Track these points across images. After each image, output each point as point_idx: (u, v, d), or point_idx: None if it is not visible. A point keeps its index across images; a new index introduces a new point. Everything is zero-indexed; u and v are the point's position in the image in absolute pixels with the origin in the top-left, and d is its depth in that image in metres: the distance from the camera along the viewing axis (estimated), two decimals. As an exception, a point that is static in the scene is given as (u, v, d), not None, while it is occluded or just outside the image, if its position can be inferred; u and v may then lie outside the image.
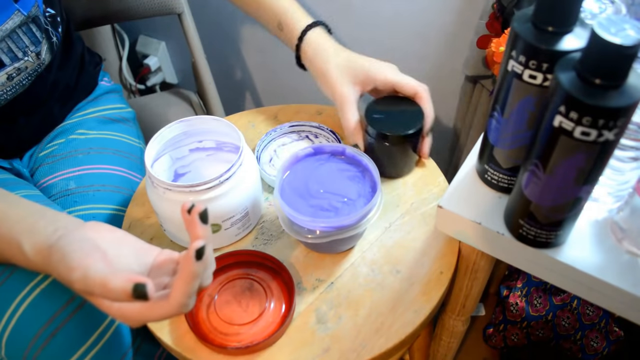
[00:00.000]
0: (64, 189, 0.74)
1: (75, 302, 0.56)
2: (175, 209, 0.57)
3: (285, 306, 0.58)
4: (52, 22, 0.74)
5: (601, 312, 0.96)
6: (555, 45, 0.42)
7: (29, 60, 0.69)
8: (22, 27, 0.68)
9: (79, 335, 0.56)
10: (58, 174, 0.76)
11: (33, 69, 0.71)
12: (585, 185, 0.43)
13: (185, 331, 0.56)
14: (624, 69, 0.37)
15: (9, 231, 0.49)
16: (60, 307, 0.55)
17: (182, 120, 0.64)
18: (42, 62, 0.72)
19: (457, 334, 0.76)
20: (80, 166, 0.76)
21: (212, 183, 0.56)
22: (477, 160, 0.57)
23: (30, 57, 0.70)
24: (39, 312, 0.54)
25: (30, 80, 0.72)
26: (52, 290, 0.55)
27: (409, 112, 0.67)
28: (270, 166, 0.72)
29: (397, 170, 0.70)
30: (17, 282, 0.55)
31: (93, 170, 0.76)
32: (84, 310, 0.56)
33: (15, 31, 0.67)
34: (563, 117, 0.39)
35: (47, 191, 0.75)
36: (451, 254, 0.63)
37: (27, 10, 0.68)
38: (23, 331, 0.54)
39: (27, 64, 0.69)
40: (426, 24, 1.05)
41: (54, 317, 0.55)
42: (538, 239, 0.49)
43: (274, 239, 0.65)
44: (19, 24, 0.67)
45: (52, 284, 0.55)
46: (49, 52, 0.73)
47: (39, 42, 0.71)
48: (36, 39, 0.70)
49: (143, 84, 1.49)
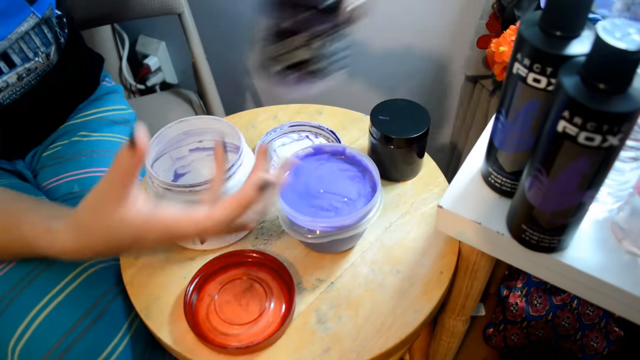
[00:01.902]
0: (68, 192, 0.74)
1: (89, 316, 0.56)
2: None
3: (285, 306, 0.58)
4: (59, 22, 0.74)
5: (601, 312, 0.96)
6: (559, 49, 0.41)
7: (39, 61, 0.70)
8: (35, 29, 0.68)
9: (92, 350, 0.56)
10: (62, 177, 0.76)
11: (42, 70, 0.72)
12: (589, 190, 0.43)
13: (185, 331, 0.56)
14: (629, 74, 0.37)
15: (35, 217, 0.49)
16: (76, 321, 0.55)
17: (182, 120, 0.64)
18: (51, 63, 0.73)
19: (457, 334, 0.76)
20: (83, 169, 0.76)
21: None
22: (483, 162, 0.57)
23: (41, 57, 0.70)
24: (54, 325, 0.55)
25: (38, 80, 0.72)
26: (68, 303, 0.56)
27: (414, 115, 0.67)
28: (271, 166, 0.73)
29: (401, 173, 0.70)
30: (35, 293, 0.55)
31: (96, 173, 0.76)
32: (99, 323, 0.57)
33: (28, 33, 0.67)
34: (567, 122, 0.39)
35: (51, 194, 0.75)
36: (451, 254, 0.63)
37: (42, 12, 0.68)
38: (38, 344, 0.54)
39: (37, 64, 0.70)
40: (426, 24, 1.05)
41: (70, 331, 0.55)
42: (541, 243, 0.49)
43: (274, 239, 0.65)
44: (33, 26, 0.68)
45: (67, 297, 0.56)
46: (57, 52, 0.74)
47: (50, 44, 0.71)
48: (47, 40, 0.70)
49: (143, 84, 1.49)
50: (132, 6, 1.02)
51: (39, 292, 0.56)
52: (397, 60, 1.14)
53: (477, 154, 0.60)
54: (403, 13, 1.06)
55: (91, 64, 0.87)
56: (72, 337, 0.55)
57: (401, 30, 1.08)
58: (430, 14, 1.03)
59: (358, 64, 1.19)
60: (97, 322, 0.57)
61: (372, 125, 0.66)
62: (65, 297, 0.56)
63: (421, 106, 0.68)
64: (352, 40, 0.56)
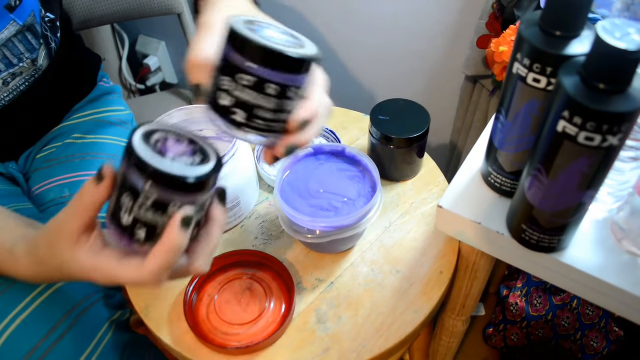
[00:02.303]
0: (59, 196, 0.73)
1: (65, 322, 0.55)
2: None
3: (285, 306, 0.58)
4: (52, 27, 0.73)
5: (601, 312, 0.96)
6: (559, 50, 0.42)
7: (24, 66, 0.69)
8: (18, 36, 0.68)
9: (69, 357, 0.55)
10: (53, 180, 0.75)
11: (29, 74, 0.71)
12: (589, 190, 0.43)
13: (185, 331, 0.56)
14: (629, 74, 0.37)
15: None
16: (51, 328, 0.54)
17: (182, 108, 0.65)
18: (39, 68, 0.72)
19: (457, 334, 0.76)
20: (75, 172, 0.76)
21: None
22: (483, 162, 0.57)
23: (26, 63, 0.69)
24: (29, 333, 0.54)
25: (28, 85, 0.71)
26: (44, 309, 0.55)
27: (414, 114, 0.67)
28: (271, 166, 0.73)
29: (401, 173, 0.70)
30: (6, 301, 0.54)
31: (87, 177, 0.75)
32: (74, 330, 0.56)
33: (10, 40, 0.67)
34: (567, 122, 0.39)
35: (42, 198, 0.74)
36: (451, 254, 0.63)
37: (23, 20, 0.67)
38: (11, 351, 0.53)
39: (22, 69, 0.69)
40: (426, 24, 1.05)
41: (46, 337, 0.54)
42: (541, 243, 0.49)
43: (274, 239, 0.65)
44: (15, 33, 0.67)
45: (42, 304, 0.55)
46: (47, 58, 0.73)
47: (35, 50, 0.70)
48: (32, 47, 0.70)
49: (143, 84, 1.49)
50: (132, 6, 1.02)
51: (1, 310, 0.54)
52: (397, 60, 1.14)
53: (477, 154, 0.60)
54: (403, 13, 1.06)
55: (88, 64, 0.86)
56: (49, 342, 0.54)
57: (401, 30, 1.08)
58: (431, 14, 1.03)
59: (358, 64, 1.19)
60: (65, 338, 0.55)
61: (372, 125, 0.66)
62: (30, 313, 0.54)
63: (421, 106, 0.68)
64: (351, 40, 0.56)
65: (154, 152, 0.37)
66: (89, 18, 1.00)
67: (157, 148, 0.38)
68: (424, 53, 1.09)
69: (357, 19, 1.11)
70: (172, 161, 0.37)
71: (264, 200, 0.69)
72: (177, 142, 0.40)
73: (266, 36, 0.38)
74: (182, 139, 0.40)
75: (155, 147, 0.38)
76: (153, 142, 0.38)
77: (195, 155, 0.39)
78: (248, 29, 0.38)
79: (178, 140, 0.40)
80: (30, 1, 0.68)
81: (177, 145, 0.39)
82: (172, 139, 0.40)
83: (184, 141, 0.40)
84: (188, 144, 0.40)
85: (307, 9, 1.17)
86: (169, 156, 0.38)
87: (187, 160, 0.38)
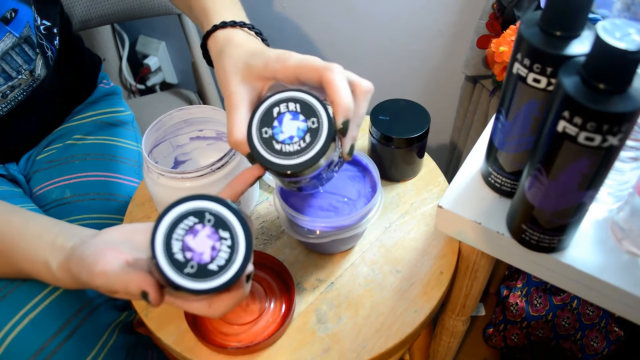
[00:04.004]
0: (60, 197, 0.73)
1: (72, 323, 0.56)
2: (168, 194, 0.59)
3: (285, 306, 0.58)
4: (48, 34, 0.73)
5: (601, 312, 0.96)
6: (559, 50, 0.41)
7: (22, 78, 0.69)
8: (15, 49, 0.67)
9: (76, 357, 0.55)
10: (54, 181, 0.75)
11: (27, 85, 0.71)
12: (589, 190, 0.43)
13: (185, 331, 0.56)
14: (629, 74, 0.37)
15: (29, 247, 0.48)
16: (59, 328, 0.55)
17: (182, 109, 0.65)
18: (37, 78, 0.72)
19: (457, 334, 0.76)
20: (76, 173, 0.76)
21: (204, 171, 0.58)
22: (483, 162, 0.57)
23: (24, 74, 0.69)
24: (36, 333, 0.54)
25: (26, 95, 0.71)
26: (52, 310, 0.55)
27: (414, 114, 0.67)
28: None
29: (401, 173, 0.70)
30: (15, 301, 0.55)
31: (88, 178, 0.75)
32: (80, 331, 0.56)
33: (8, 53, 0.67)
34: (567, 122, 0.39)
35: (43, 198, 0.74)
36: (451, 254, 0.63)
37: (19, 32, 0.67)
38: (19, 351, 0.54)
39: (20, 81, 0.69)
40: (426, 24, 1.05)
41: (53, 338, 0.54)
42: (541, 243, 0.49)
43: (274, 239, 0.65)
44: (12, 45, 0.67)
45: (50, 305, 0.55)
46: (44, 67, 0.72)
47: (32, 60, 0.70)
48: (29, 58, 0.69)
49: (143, 84, 1.50)
50: (132, 6, 1.02)
51: (11, 309, 0.55)
52: (397, 60, 1.14)
53: (477, 154, 0.60)
54: (403, 13, 1.06)
55: (88, 66, 0.86)
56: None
57: (401, 30, 1.08)
58: (431, 14, 1.03)
59: (358, 64, 1.19)
60: (71, 338, 0.56)
61: (372, 125, 0.66)
62: (38, 313, 0.55)
63: (421, 106, 0.68)
64: (351, 40, 0.56)
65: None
66: (88, 18, 1.00)
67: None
68: (424, 53, 1.09)
69: (357, 18, 1.11)
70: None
71: (264, 200, 0.69)
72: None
73: (280, 139, 0.45)
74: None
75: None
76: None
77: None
78: (263, 138, 0.45)
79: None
80: (25, 12, 0.68)
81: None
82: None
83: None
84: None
85: (308, 9, 1.17)
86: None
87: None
